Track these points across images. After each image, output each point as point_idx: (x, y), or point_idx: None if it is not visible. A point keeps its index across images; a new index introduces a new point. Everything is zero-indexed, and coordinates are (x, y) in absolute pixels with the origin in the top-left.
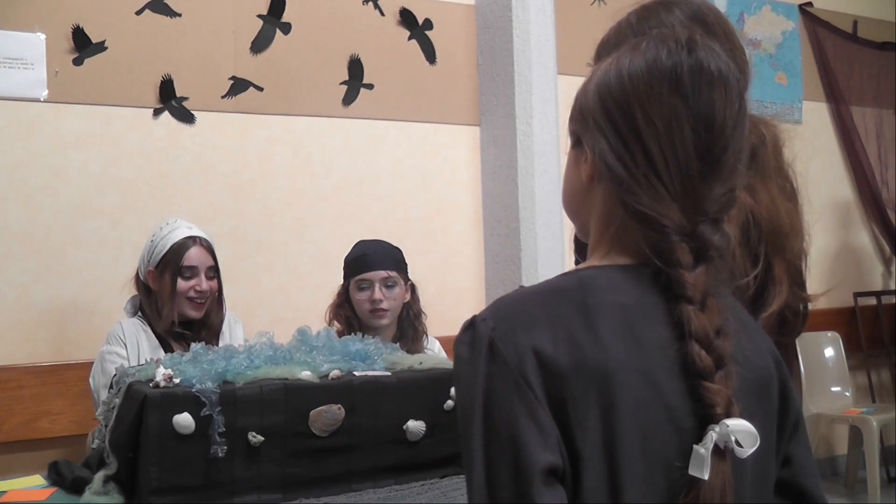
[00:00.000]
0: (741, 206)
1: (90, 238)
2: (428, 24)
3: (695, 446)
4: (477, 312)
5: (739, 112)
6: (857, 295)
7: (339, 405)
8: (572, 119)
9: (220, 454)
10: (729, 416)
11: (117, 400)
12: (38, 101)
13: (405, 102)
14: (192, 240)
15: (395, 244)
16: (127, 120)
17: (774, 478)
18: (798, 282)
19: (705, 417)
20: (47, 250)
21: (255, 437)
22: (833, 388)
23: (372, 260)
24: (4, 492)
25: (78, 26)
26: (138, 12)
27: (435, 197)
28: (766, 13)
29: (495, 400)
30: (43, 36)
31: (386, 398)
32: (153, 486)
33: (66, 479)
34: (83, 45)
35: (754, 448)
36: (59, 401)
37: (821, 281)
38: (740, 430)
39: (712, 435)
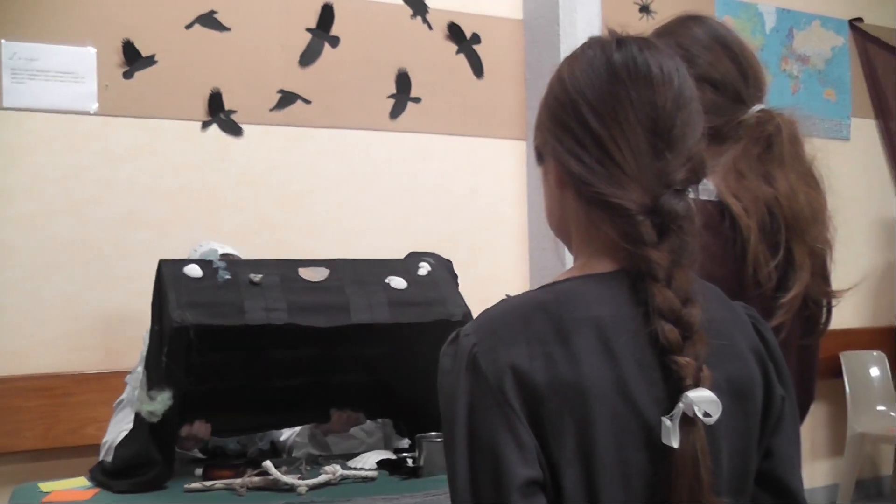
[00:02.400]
0: (757, 199)
1: (137, 249)
2: (476, 38)
3: (662, 418)
4: None
5: (680, 89)
6: None
7: (323, 266)
8: (534, 139)
9: (226, 276)
10: (698, 385)
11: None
12: (87, 114)
13: (452, 116)
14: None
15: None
16: (175, 133)
17: (754, 473)
18: (822, 273)
19: (677, 391)
20: (95, 261)
21: (255, 276)
22: (878, 408)
23: None
24: (49, 492)
25: (128, 40)
26: (188, 26)
27: (481, 210)
28: (815, 28)
29: (477, 413)
30: (93, 50)
31: (362, 265)
32: (174, 306)
33: (109, 476)
34: (133, 59)
35: (718, 415)
36: (105, 408)
37: (867, 298)
38: (703, 400)
39: (679, 406)
